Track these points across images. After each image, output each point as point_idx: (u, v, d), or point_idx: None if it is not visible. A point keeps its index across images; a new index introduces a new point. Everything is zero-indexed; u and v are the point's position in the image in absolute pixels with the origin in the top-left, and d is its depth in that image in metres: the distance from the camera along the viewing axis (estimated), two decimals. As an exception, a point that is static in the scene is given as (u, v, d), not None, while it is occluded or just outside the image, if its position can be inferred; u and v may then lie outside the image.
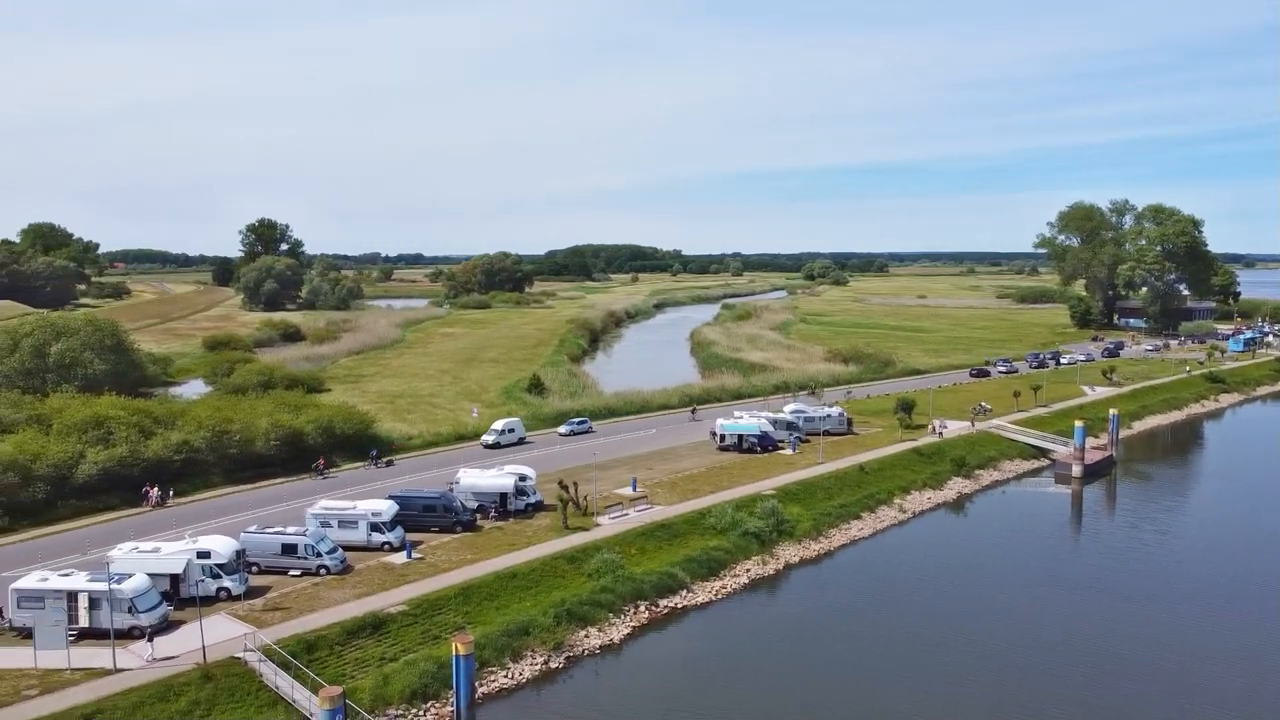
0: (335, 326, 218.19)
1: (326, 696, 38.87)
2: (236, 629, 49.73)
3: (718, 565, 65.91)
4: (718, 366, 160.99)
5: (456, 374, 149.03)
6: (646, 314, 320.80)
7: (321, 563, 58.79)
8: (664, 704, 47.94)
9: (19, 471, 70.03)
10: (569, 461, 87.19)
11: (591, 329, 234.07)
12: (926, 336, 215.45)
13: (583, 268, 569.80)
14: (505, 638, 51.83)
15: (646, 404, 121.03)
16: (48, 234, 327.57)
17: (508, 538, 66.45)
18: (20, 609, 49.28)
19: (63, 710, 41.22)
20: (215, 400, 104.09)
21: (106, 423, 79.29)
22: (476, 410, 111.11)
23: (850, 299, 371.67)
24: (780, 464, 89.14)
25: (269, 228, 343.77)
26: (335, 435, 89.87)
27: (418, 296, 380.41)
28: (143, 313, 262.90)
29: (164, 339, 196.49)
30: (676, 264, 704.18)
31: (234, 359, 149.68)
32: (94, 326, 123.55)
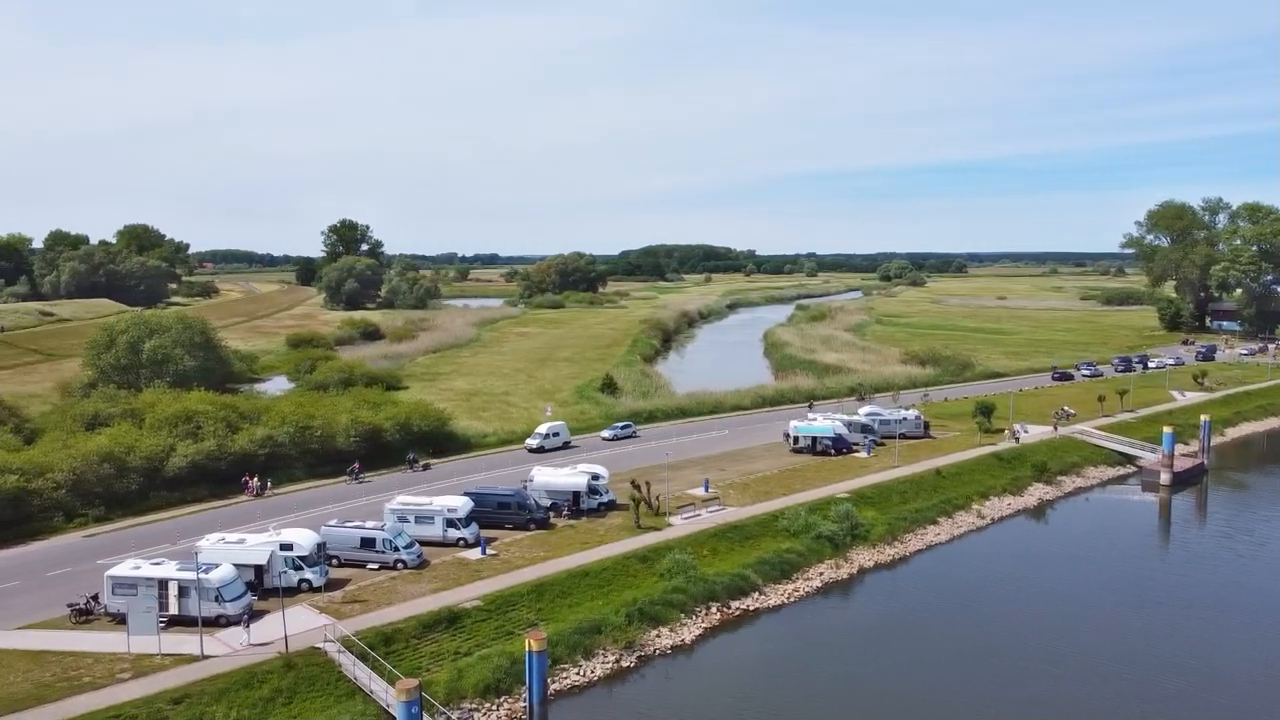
0: (413, 325, 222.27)
1: (403, 688, 39.58)
2: (317, 620, 50.99)
3: (790, 568, 65.37)
4: (791, 368, 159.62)
5: (530, 373, 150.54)
6: (719, 314, 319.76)
7: (399, 557, 59.94)
8: (735, 706, 47.73)
9: (114, 463, 72.98)
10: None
11: (664, 329, 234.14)
12: (1006, 339, 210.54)
13: (656, 268, 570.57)
14: (577, 635, 52.18)
15: (719, 405, 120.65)
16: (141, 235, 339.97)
17: (580, 536, 66.88)
18: (115, 595, 51.26)
19: (153, 694, 42.78)
20: (298, 396, 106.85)
21: (195, 417, 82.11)
22: (550, 409, 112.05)
23: (927, 300, 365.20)
24: (855, 467, 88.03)
25: (350, 228, 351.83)
26: (412, 432, 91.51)
27: (493, 296, 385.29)
28: (230, 311, 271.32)
29: (250, 337, 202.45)
30: (750, 264, 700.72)
31: (316, 356, 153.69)
32: (184, 324, 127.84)
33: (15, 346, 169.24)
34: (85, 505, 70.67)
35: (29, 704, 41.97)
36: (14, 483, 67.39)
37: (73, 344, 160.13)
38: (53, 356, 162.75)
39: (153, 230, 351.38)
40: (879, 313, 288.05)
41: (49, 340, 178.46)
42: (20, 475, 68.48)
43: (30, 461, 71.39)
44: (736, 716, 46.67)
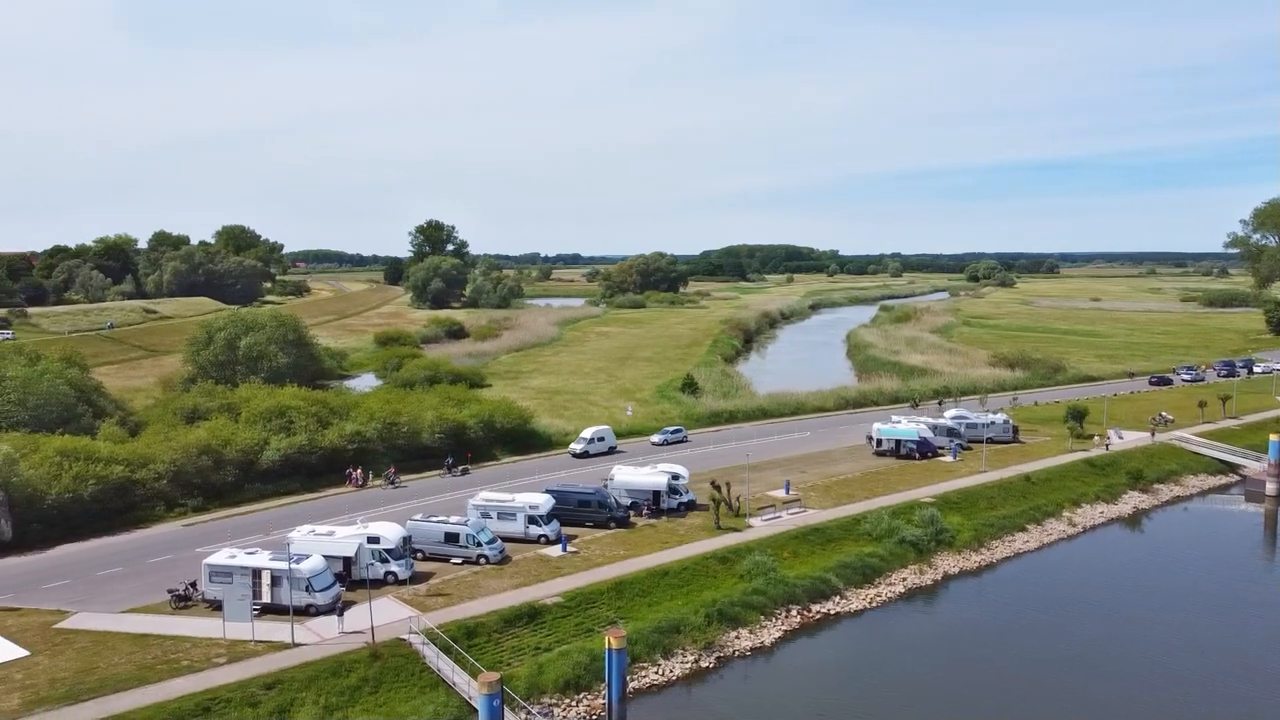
0: (496, 324, 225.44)
1: (485, 682, 40.16)
2: (402, 612, 52.09)
3: (872, 572, 64.41)
4: (875, 369, 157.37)
5: (611, 372, 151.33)
6: (801, 315, 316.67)
7: (481, 552, 60.87)
8: (815, 710, 47.27)
9: (212, 456, 75.76)
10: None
11: (745, 329, 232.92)
12: (1101, 341, 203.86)
13: (737, 268, 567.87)
14: (657, 634, 52.27)
15: (800, 406, 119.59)
16: (238, 235, 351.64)
17: (660, 535, 66.98)
18: (211, 583, 53.17)
19: (248, 678, 44.26)
20: (385, 393, 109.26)
21: (288, 412, 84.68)
22: (631, 408, 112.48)
23: (1017, 301, 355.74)
24: (940, 471, 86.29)
25: (436, 229, 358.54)
26: (495, 429, 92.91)
27: (575, 296, 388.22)
28: (321, 309, 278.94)
29: (339, 334, 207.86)
30: (833, 264, 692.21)
31: (403, 354, 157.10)
32: (278, 322, 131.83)
33: (121, 343, 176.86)
34: (185, 496, 73.51)
35: (132, 684, 43.83)
36: (120, 473, 70.49)
37: (174, 340, 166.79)
38: (155, 352, 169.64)
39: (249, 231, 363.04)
40: (966, 314, 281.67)
41: (152, 337, 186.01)
42: (126, 466, 71.61)
43: (135, 453, 74.58)
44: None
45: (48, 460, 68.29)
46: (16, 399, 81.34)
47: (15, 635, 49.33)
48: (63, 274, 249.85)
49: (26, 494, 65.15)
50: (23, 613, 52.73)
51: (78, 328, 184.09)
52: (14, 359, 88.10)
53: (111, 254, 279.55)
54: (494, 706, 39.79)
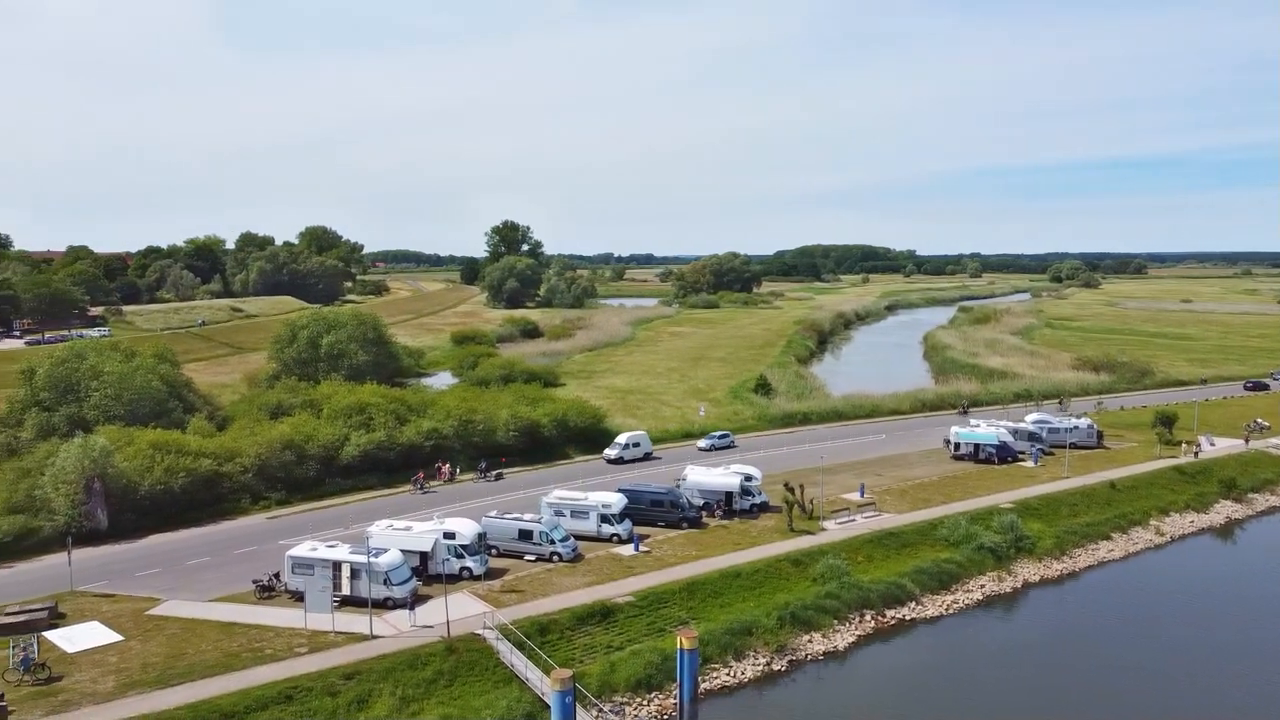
0: (570, 324, 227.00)
1: (558, 678, 40.50)
2: (476, 607, 52.81)
3: (949, 579, 63.17)
4: (953, 371, 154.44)
5: (684, 372, 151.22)
6: (877, 316, 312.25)
7: (555, 549, 61.38)
8: (889, 717, 46.55)
9: (295, 451, 77.85)
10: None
11: (820, 330, 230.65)
12: (1192, 344, 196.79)
13: (811, 268, 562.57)
14: (728, 636, 52.06)
15: (876, 408, 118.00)
16: (321, 236, 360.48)
17: (732, 536, 66.73)
18: (294, 574, 54.63)
19: (328, 668, 45.38)
20: (461, 391, 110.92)
21: (368, 409, 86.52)
22: (704, 409, 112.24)
23: (1102, 302, 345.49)
24: (1020, 476, 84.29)
25: (511, 229, 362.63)
26: (569, 428, 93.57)
27: (648, 296, 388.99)
28: (399, 309, 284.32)
29: (417, 333, 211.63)
30: (910, 264, 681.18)
31: (478, 353, 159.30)
32: (359, 321, 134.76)
33: (210, 340, 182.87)
34: (268, 489, 75.66)
35: (219, 671, 45.30)
36: (208, 466, 72.91)
37: (259, 338, 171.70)
38: (241, 349, 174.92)
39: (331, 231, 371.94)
40: (1048, 315, 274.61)
41: (238, 334, 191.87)
42: (214, 459, 74.04)
43: (222, 447, 77.05)
44: (890, 728, 45.53)
45: (141, 453, 70.95)
46: (113, 394, 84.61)
47: (110, 620, 51.38)
48: (155, 274, 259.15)
49: (121, 485, 67.79)
50: (117, 599, 54.89)
51: (169, 325, 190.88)
52: (110, 355, 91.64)
53: (201, 254, 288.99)
54: (566, 703, 40.10)
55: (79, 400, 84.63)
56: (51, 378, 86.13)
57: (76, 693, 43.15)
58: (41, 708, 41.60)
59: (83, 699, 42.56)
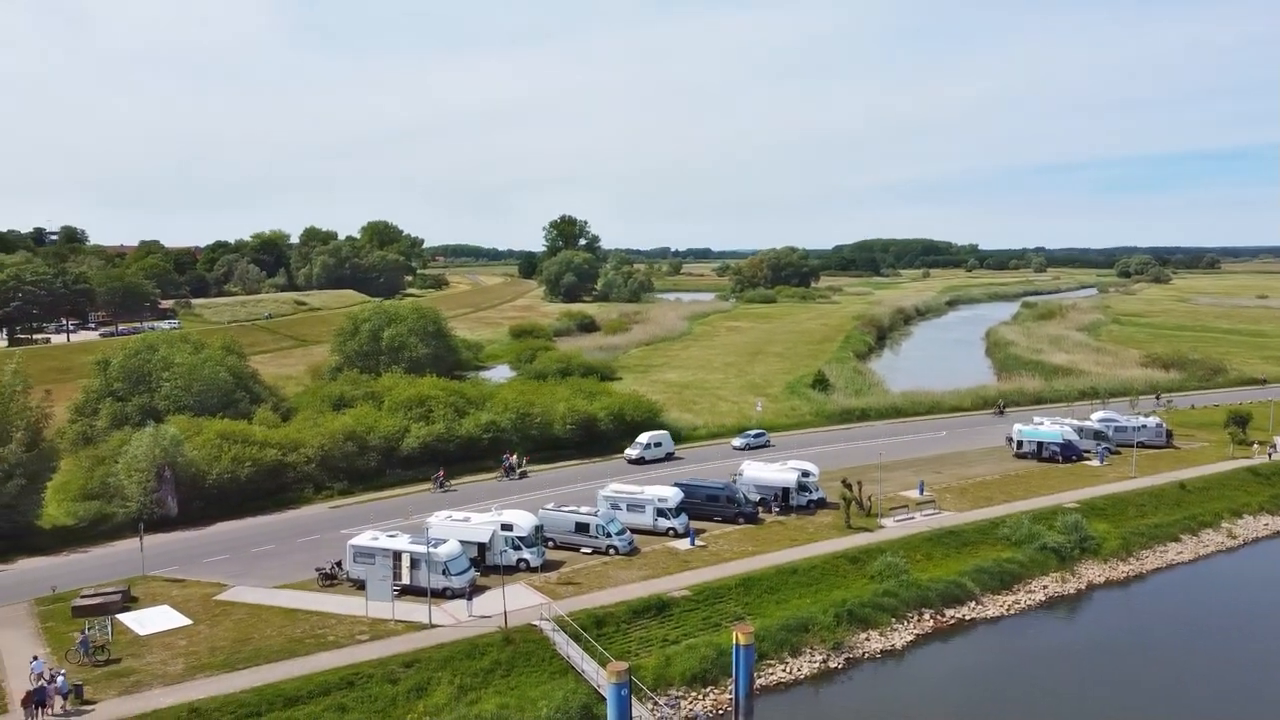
0: (627, 318, 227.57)
1: (614, 671, 40.67)
2: (533, 598, 53.27)
3: (1010, 578, 62.09)
4: (1016, 368, 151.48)
5: (741, 367, 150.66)
6: (938, 311, 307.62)
7: (611, 543, 61.63)
8: (947, 717, 45.94)
9: (357, 442, 79.24)
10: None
11: (879, 326, 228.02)
12: (1268, 342, 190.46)
13: (871, 263, 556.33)
14: (784, 632, 51.82)
15: (936, 405, 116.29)
16: (382, 231, 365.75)
17: (789, 532, 66.36)
18: (355, 563, 55.61)
19: (388, 656, 46.16)
20: (519, 384, 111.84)
21: (427, 401, 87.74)
22: (761, 404, 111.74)
23: (1173, 298, 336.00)
24: (1085, 475, 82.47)
25: (569, 224, 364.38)
26: (625, 422, 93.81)
27: (705, 290, 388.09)
28: (458, 302, 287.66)
29: (475, 327, 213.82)
30: (972, 259, 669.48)
31: (536, 347, 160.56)
32: (419, 314, 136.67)
33: (275, 333, 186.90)
34: (331, 479, 77.11)
35: (283, 656, 46.34)
36: (273, 456, 74.57)
37: (322, 331, 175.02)
38: (305, 342, 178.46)
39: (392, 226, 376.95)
40: (1116, 311, 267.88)
41: (302, 327, 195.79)
42: (278, 450, 75.70)
43: (286, 438, 78.74)
44: (949, 729, 44.94)
45: (209, 442, 72.81)
46: (182, 384, 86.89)
47: (180, 604, 52.86)
48: (223, 268, 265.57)
49: (190, 474, 69.63)
50: (186, 584, 56.44)
51: (236, 318, 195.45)
52: (180, 347, 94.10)
53: (266, 249, 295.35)
54: (622, 696, 40.25)
55: (150, 390, 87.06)
56: (125, 368, 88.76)
57: (147, 674, 44.47)
58: (115, 688, 42.96)
59: (153, 680, 43.85)
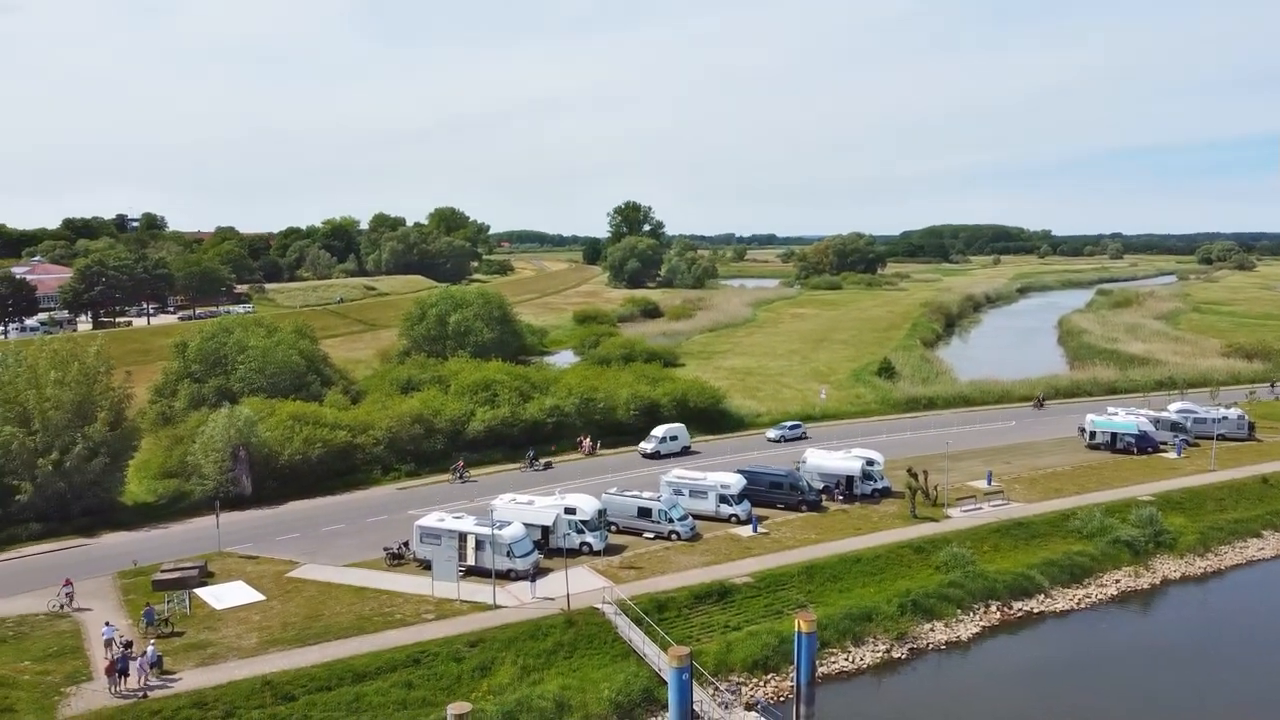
0: (690, 304, 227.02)
1: (675, 655, 40.81)
2: (596, 581, 53.68)
3: (1081, 572, 60.74)
4: (1089, 357, 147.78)
5: (805, 354, 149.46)
6: (1008, 298, 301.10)
7: (673, 528, 61.76)
8: (1013, 711, 45.28)
9: (424, 425, 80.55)
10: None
11: (947, 313, 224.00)
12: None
13: (940, 249, 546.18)
14: (847, 621, 51.50)
15: (1006, 394, 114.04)
16: (449, 217, 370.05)
17: (853, 521, 65.79)
18: (422, 544, 56.65)
19: (453, 635, 46.98)
20: (583, 370, 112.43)
21: (493, 385, 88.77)
22: (825, 391, 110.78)
23: (1258, 286, 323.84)
24: (1161, 468, 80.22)
25: (633, 210, 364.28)
26: (688, 408, 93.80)
27: (769, 277, 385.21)
28: (523, 288, 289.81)
29: (540, 312, 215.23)
30: (1044, 245, 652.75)
31: (600, 332, 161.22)
32: (485, 299, 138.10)
33: (346, 317, 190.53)
34: (399, 461, 78.52)
35: (352, 633, 47.47)
36: (343, 438, 76.20)
37: (390, 315, 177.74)
38: (374, 326, 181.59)
39: (459, 213, 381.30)
40: (1196, 299, 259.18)
41: (371, 312, 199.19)
42: (348, 431, 77.34)
43: (356, 420, 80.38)
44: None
45: (281, 424, 74.66)
46: (256, 367, 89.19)
47: (254, 581, 54.43)
48: (295, 253, 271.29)
49: (264, 454, 71.51)
50: (260, 561, 58.08)
51: (307, 303, 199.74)
52: (255, 331, 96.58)
53: (337, 235, 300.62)
54: (683, 680, 40.39)
55: (226, 373, 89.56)
56: (201, 351, 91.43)
57: (223, 647, 45.93)
58: (192, 660, 44.46)
59: (229, 653, 45.28)
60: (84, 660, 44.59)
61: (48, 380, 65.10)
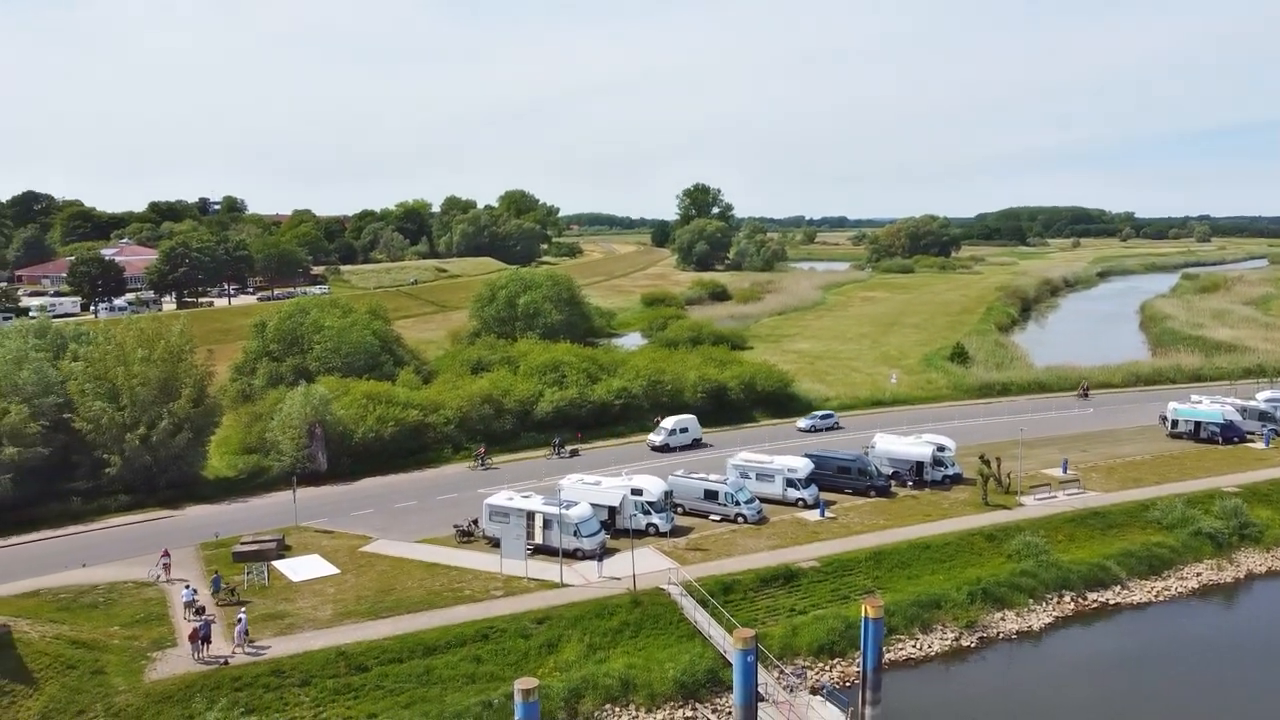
0: (759, 287, 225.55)
1: (741, 637, 40.83)
2: (661, 562, 53.94)
3: (1160, 564, 59.08)
4: (1172, 344, 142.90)
5: (876, 338, 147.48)
6: (1088, 283, 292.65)
7: (739, 511, 61.68)
8: (1087, 704, 44.35)
9: (493, 405, 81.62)
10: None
11: (1023, 297, 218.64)
12: None
13: (1016, 232, 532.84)
14: (915, 608, 50.93)
15: (1083, 380, 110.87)
16: (519, 200, 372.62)
17: (922, 507, 64.92)
18: (491, 522, 57.51)
19: (521, 612, 47.69)
20: (650, 352, 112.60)
21: (561, 367, 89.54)
22: (895, 376, 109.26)
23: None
24: (1248, 458, 77.45)
25: (702, 192, 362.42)
26: (756, 392, 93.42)
27: (839, 260, 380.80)
28: (592, 270, 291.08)
29: (608, 295, 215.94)
30: (1127, 228, 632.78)
31: (667, 315, 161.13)
32: (554, 281, 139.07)
33: (418, 298, 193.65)
34: (468, 440, 79.69)
35: (423, 607, 48.49)
36: (415, 417, 77.61)
37: (461, 297, 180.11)
38: (445, 308, 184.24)
39: (528, 195, 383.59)
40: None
41: (443, 293, 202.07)
42: (420, 411, 78.71)
43: (427, 399, 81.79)
44: (1087, 715, 43.30)
45: (355, 402, 76.36)
46: (332, 347, 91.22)
47: (330, 554, 55.90)
48: (369, 236, 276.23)
49: (338, 431, 73.23)
50: (335, 535, 59.61)
51: (381, 284, 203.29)
52: (330, 311, 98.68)
53: (410, 217, 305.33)
54: (748, 662, 40.41)
55: (303, 352, 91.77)
56: (279, 331, 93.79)
57: (300, 618, 47.31)
58: (270, 630, 45.88)
59: (305, 624, 46.63)
60: (169, 627, 46.35)
61: (135, 358, 67.47)
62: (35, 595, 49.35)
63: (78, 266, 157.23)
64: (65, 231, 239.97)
